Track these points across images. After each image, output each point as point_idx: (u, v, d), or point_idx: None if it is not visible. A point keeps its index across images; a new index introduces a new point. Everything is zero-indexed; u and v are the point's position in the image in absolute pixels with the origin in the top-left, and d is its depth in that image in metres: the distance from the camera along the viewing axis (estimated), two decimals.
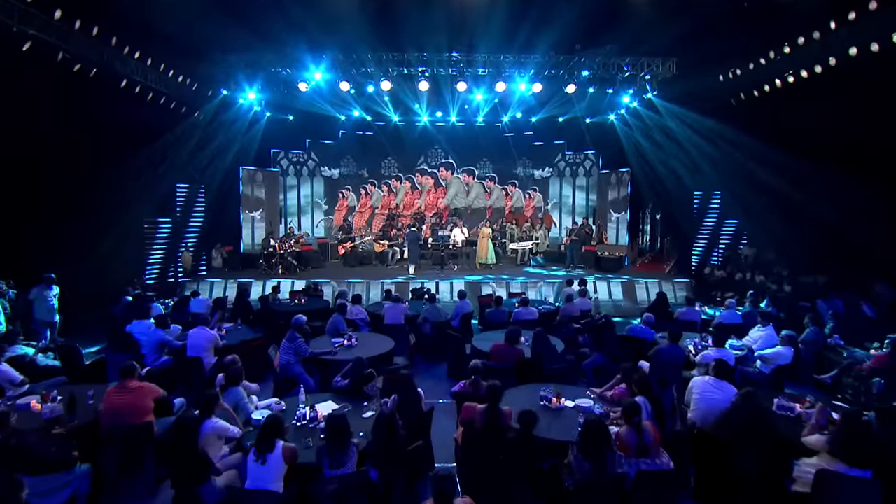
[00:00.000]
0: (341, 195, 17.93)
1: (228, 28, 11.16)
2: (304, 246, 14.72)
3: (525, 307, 8.78)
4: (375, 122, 17.56)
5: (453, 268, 14.55)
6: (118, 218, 11.23)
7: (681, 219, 14.78)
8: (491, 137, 18.13)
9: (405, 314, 8.78)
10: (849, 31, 9.79)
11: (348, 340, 7.34)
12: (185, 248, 13.94)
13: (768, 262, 13.46)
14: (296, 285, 12.06)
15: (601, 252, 14.65)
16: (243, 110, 14.46)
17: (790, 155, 10.76)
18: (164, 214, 13.62)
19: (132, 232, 12.72)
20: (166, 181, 13.08)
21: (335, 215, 17.72)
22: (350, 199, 18.12)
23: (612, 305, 11.96)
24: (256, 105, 14.93)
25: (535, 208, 18.18)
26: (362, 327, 8.68)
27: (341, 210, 17.82)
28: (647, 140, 14.15)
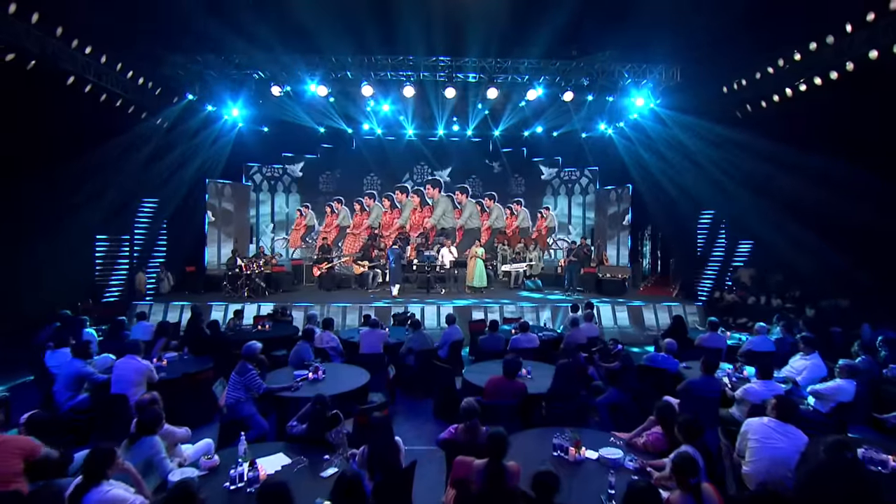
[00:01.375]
0: (299, 213, 16.79)
1: (195, 27, 10.32)
2: (275, 267, 13.56)
3: (524, 333, 7.73)
4: (358, 137, 16.74)
5: (440, 291, 13.49)
6: (58, 232, 10.04)
7: (685, 238, 13.99)
8: (481, 153, 17.40)
9: (385, 342, 7.69)
10: (868, 34, 9.25)
11: (314, 373, 6.21)
12: (140, 267, 12.72)
13: (780, 285, 12.66)
14: (262, 310, 10.86)
15: (602, 274, 13.73)
16: (212, 119, 13.52)
17: (806, 168, 10.04)
18: (117, 230, 12.45)
19: (79, 248, 11.51)
20: (121, 193, 11.94)
21: (292, 235, 16.50)
22: (308, 217, 17.00)
23: (619, 332, 10.95)
24: (227, 114, 13.99)
25: (548, 228, 17.22)
26: (334, 357, 7.55)
27: (299, 230, 16.66)
28: (649, 153, 13.44)
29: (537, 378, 6.24)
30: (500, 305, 11.61)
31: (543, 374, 6.35)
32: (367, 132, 16.59)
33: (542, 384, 5.91)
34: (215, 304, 11.23)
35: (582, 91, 12.72)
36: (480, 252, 13.58)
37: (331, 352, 7.57)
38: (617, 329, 11.12)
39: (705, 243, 13.26)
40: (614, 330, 10.96)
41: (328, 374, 6.33)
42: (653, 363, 6.52)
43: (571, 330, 8.08)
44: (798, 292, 12.33)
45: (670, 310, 11.51)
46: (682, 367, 6.55)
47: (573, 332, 8.03)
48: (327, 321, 7.83)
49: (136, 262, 12.76)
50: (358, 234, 17.16)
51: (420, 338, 7.75)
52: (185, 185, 13.17)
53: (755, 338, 7.46)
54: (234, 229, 15.10)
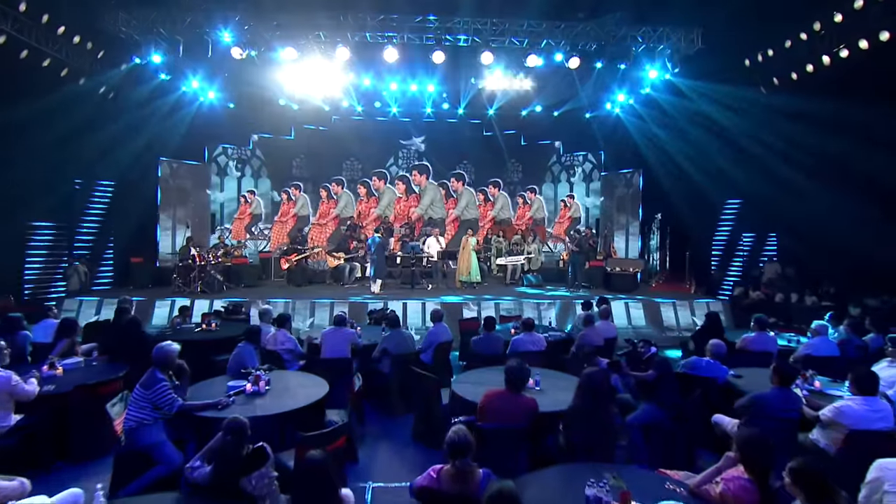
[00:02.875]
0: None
1: None
2: (237, 259, 12.10)
3: (528, 333, 6.39)
4: (336, 116, 15.33)
5: (427, 287, 12.10)
6: None
7: (703, 228, 12.74)
8: (473, 135, 16.09)
9: (353, 343, 6.31)
10: None
11: (254, 384, 4.80)
12: (79, 258, 11.22)
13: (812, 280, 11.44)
14: (216, 306, 9.42)
15: (611, 268, 12.43)
16: (167, 89, 12.04)
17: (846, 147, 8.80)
18: (52, 215, 10.93)
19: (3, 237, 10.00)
20: (53, 172, 10.43)
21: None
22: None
23: (633, 332, 9.65)
24: (187, 86, 12.51)
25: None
26: (289, 362, 6.18)
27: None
28: (666, 131, 12.17)
29: (548, 390, 4.93)
30: (495, 302, 10.25)
31: (555, 385, 5.04)
32: (346, 110, 15.18)
33: (556, 399, 4.60)
34: (160, 301, 9.76)
35: (589, 58, 11.41)
36: (474, 242, 12.20)
37: (285, 355, 6.19)
38: (631, 329, 9.82)
39: (730, 233, 11.96)
40: (628, 330, 9.66)
41: (274, 386, 4.95)
42: (695, 371, 5.20)
43: (585, 329, 6.75)
44: (832, 289, 11.14)
45: (691, 306, 10.23)
46: (730, 375, 5.23)
47: (588, 332, 6.70)
48: (282, 318, 6.42)
49: (75, 253, 11.24)
50: (325, 225, 15.74)
51: (398, 338, 6.38)
52: (134, 165, 11.67)
53: (814, 339, 6.17)
54: (191, 215, 13.59)
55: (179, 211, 13.40)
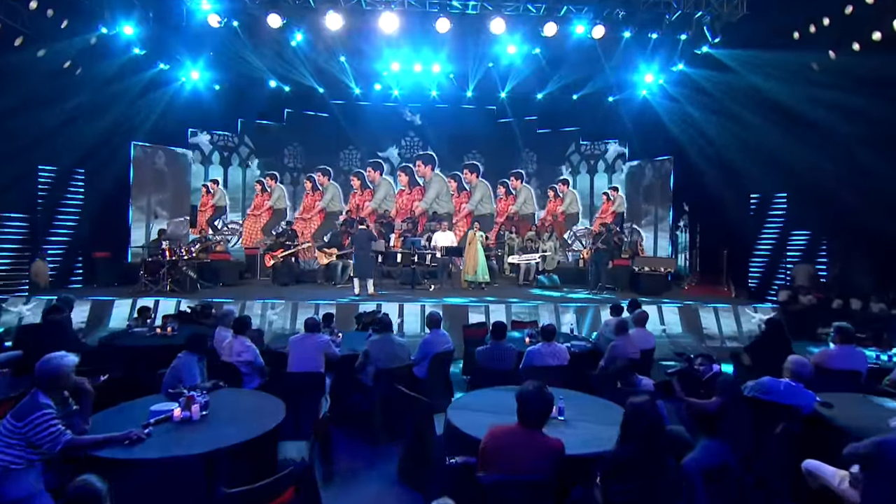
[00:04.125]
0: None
1: None
2: (215, 254, 11.07)
3: (547, 343, 5.25)
4: (332, 99, 14.29)
5: (429, 287, 10.98)
6: None
7: (743, 224, 11.47)
8: (483, 121, 15.02)
9: (328, 353, 5.21)
10: None
11: (185, 408, 3.73)
12: (39, 254, 10.24)
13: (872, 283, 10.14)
14: (186, 307, 8.37)
15: (638, 267, 11.22)
16: (141, 65, 11.06)
17: None
18: (9, 205, 9.97)
19: None
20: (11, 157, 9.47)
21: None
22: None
23: (668, 341, 8.45)
24: (166, 64, 11.55)
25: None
26: (248, 378, 5.08)
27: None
28: (704, 112, 10.92)
29: (575, 421, 3.83)
30: (506, 305, 9.10)
31: (584, 413, 3.96)
32: (344, 93, 14.15)
33: (586, 435, 3.52)
34: (120, 301, 8.73)
35: (616, 27, 10.26)
36: (480, 237, 11.04)
37: (243, 368, 5.11)
38: (666, 338, 8.61)
39: (780, 230, 10.64)
40: (663, 339, 8.45)
41: (214, 411, 3.88)
42: (770, 396, 4.01)
43: (618, 338, 5.59)
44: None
45: (736, 312, 8.99)
46: (817, 403, 4.03)
47: (620, 342, 5.54)
48: (241, 322, 5.33)
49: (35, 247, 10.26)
50: (309, 220, 14.70)
51: (385, 345, 5.28)
52: (101, 148, 10.67)
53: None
54: (169, 206, 12.59)
55: (155, 201, 12.39)
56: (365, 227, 10.38)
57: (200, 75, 12.56)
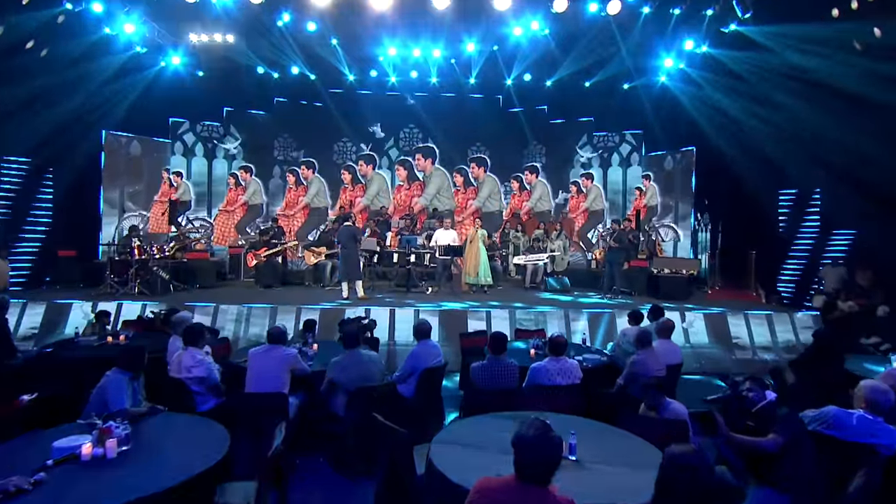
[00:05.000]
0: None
1: None
2: (192, 252, 10.41)
3: (555, 358, 4.51)
4: (325, 87, 13.65)
5: (426, 290, 10.27)
6: None
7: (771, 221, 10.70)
8: (487, 110, 14.34)
9: (295, 369, 4.52)
10: None
11: (98, 443, 3.06)
12: None
13: None
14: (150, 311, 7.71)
15: (657, 269, 10.45)
16: (115, 47, 10.45)
17: None
18: None
19: None
20: None
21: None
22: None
23: (693, 354, 7.69)
24: (140, 45, 10.94)
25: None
26: (200, 398, 4.42)
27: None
28: (732, 97, 10.13)
29: (590, 463, 3.16)
30: (510, 310, 8.36)
31: (600, 451, 3.33)
32: (338, 80, 13.51)
33: (605, 483, 2.85)
34: (80, 304, 8.07)
35: (635, 2, 9.50)
36: (482, 234, 10.31)
37: (194, 387, 4.42)
38: (690, 349, 7.84)
39: (820, 229, 9.81)
40: (686, 350, 7.66)
41: (141, 444, 3.22)
42: (840, 432, 3.24)
43: (640, 352, 4.86)
44: None
45: (770, 320, 8.20)
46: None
47: (642, 357, 4.81)
48: (191, 331, 4.63)
49: None
50: (292, 216, 14.05)
51: (354, 363, 4.55)
52: (66, 137, 10.03)
53: None
54: (143, 200, 11.94)
55: (129, 195, 11.75)
56: (350, 224, 9.67)
57: (183, 60, 11.97)
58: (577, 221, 14.23)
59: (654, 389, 4.07)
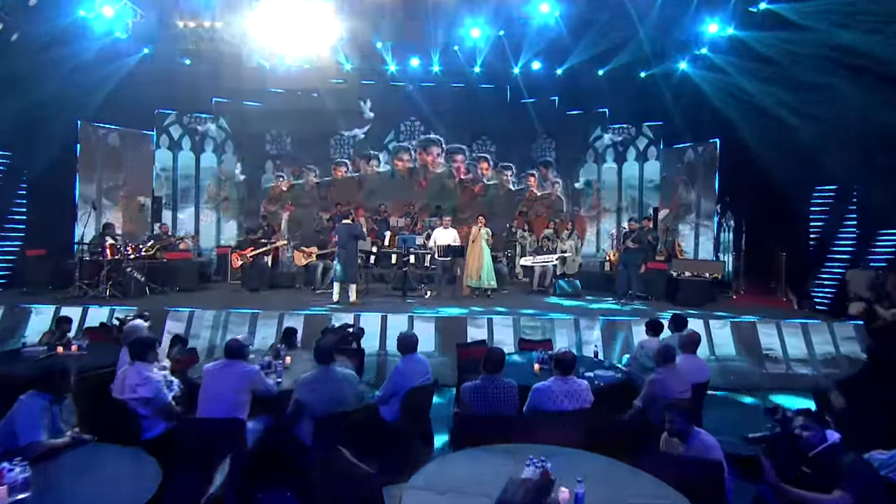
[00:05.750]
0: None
1: None
2: (173, 252, 9.92)
3: (563, 378, 3.95)
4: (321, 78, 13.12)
5: (425, 294, 9.72)
6: None
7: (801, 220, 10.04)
8: (493, 101, 13.75)
9: (256, 390, 3.98)
10: None
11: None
12: None
13: None
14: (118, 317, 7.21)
15: (677, 271, 9.82)
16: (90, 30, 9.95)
17: None
18: None
19: None
20: None
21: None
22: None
23: (718, 367, 7.06)
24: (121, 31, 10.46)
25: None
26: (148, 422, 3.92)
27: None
28: (759, 83, 9.47)
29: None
30: (514, 318, 7.77)
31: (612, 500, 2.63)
32: (332, 70, 12.90)
33: None
34: (40, 308, 7.58)
35: None
36: (485, 233, 9.73)
37: (140, 409, 3.90)
38: (715, 361, 7.21)
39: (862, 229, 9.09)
40: (711, 362, 7.03)
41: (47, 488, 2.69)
42: None
43: (661, 369, 4.28)
44: None
45: (805, 329, 7.55)
46: None
47: (663, 375, 4.25)
48: (139, 343, 4.10)
49: None
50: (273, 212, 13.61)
51: (327, 381, 4.00)
52: (36, 127, 9.59)
53: None
54: (126, 197, 11.46)
55: (109, 191, 11.28)
56: (350, 222, 9.13)
57: (169, 50, 11.48)
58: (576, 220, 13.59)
59: (678, 413, 3.49)
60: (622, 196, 13.38)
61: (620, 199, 13.37)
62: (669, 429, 3.53)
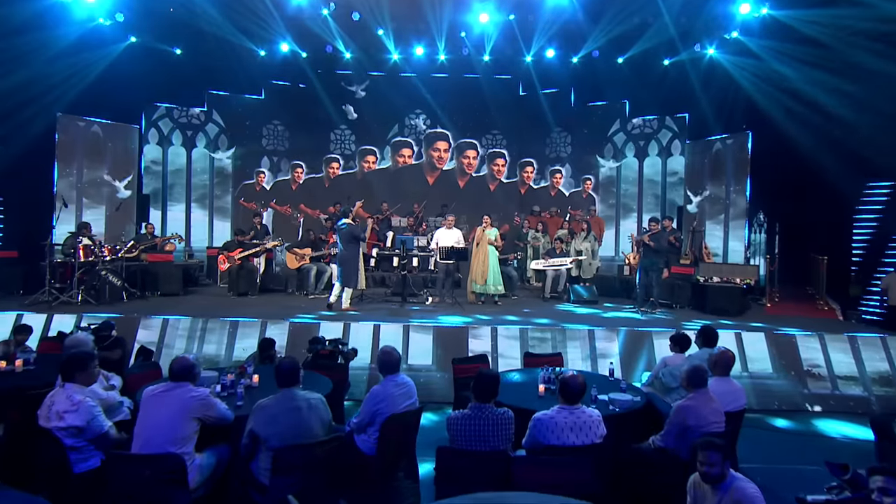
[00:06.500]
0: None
1: None
2: (155, 254, 9.50)
3: (569, 407, 3.38)
4: (317, 66, 12.76)
5: (426, 300, 9.19)
6: None
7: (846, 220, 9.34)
8: (503, 93, 13.29)
9: (205, 417, 3.45)
10: None
11: None
12: None
13: None
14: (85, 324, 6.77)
15: (705, 277, 9.17)
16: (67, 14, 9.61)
17: None
18: None
19: None
20: None
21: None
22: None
23: (751, 384, 6.44)
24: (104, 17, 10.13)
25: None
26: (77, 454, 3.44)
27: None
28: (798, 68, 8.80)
29: None
30: (521, 329, 7.19)
31: None
32: (332, 61, 12.59)
33: None
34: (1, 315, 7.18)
35: None
36: (493, 234, 9.16)
37: (66, 439, 3.42)
38: (748, 378, 6.57)
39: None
40: (743, 379, 6.40)
41: None
42: None
43: (691, 394, 3.70)
44: None
45: (853, 344, 6.86)
46: None
47: (693, 402, 3.67)
48: (69, 363, 3.60)
49: None
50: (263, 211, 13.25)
51: (288, 408, 3.46)
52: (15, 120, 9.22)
53: None
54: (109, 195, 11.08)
55: (90, 188, 10.90)
56: (350, 222, 8.63)
57: (157, 36, 11.16)
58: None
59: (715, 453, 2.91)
60: (643, 194, 12.76)
61: (641, 197, 12.75)
62: (704, 472, 2.95)
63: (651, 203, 12.72)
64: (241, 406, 3.93)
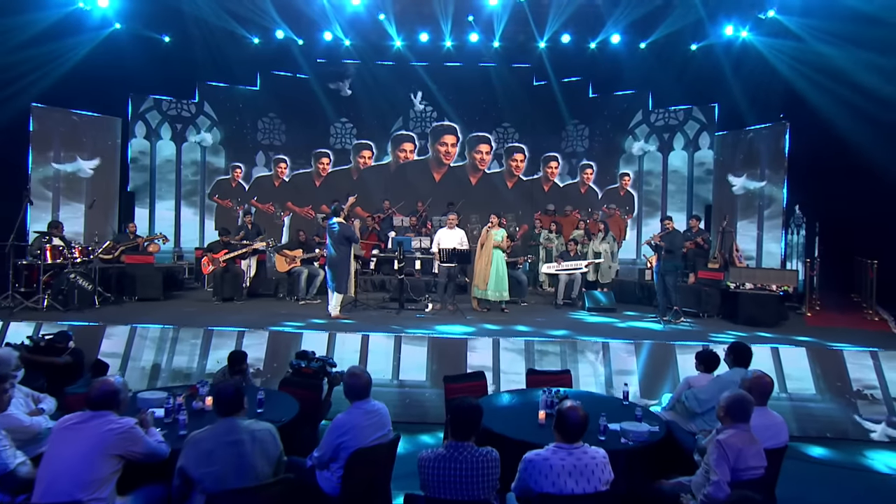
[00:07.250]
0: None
1: None
2: (134, 255, 9.11)
3: (568, 447, 2.82)
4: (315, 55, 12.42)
5: (426, 307, 8.68)
6: None
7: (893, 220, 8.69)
8: (515, 83, 12.82)
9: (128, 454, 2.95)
10: None
11: None
12: None
13: None
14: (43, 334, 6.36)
15: (736, 282, 8.52)
16: None
17: None
18: None
19: None
20: None
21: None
22: None
23: (790, 407, 5.81)
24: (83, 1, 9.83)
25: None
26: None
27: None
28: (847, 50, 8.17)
29: None
30: (525, 341, 6.63)
31: None
32: (330, 49, 12.21)
33: None
34: None
35: None
36: (500, 235, 8.60)
37: None
38: (787, 400, 5.94)
39: None
40: (782, 402, 5.78)
41: None
42: None
43: (727, 429, 3.10)
44: None
45: None
46: None
47: (729, 437, 3.06)
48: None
49: None
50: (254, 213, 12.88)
51: (228, 441, 2.94)
52: None
53: None
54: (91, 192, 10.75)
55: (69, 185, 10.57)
56: (341, 220, 8.13)
57: (144, 22, 10.84)
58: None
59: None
60: (667, 191, 12.13)
61: (665, 194, 12.12)
62: None
63: (677, 201, 12.08)
64: (184, 436, 3.45)
